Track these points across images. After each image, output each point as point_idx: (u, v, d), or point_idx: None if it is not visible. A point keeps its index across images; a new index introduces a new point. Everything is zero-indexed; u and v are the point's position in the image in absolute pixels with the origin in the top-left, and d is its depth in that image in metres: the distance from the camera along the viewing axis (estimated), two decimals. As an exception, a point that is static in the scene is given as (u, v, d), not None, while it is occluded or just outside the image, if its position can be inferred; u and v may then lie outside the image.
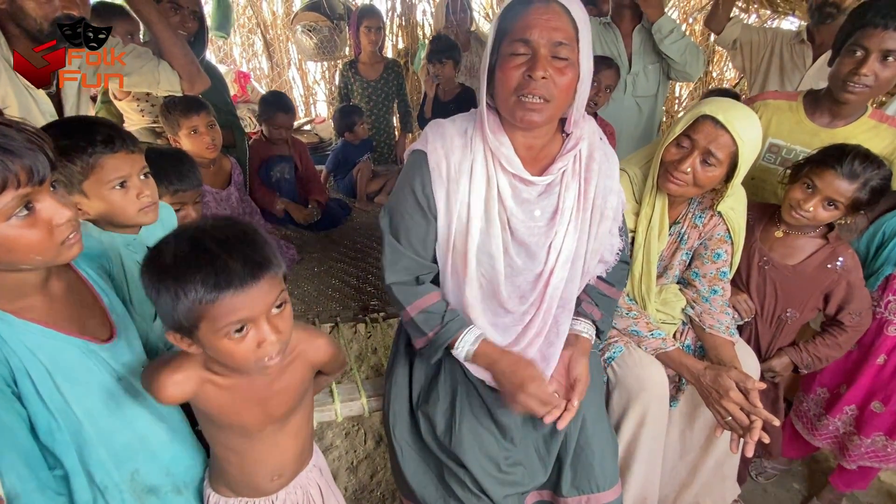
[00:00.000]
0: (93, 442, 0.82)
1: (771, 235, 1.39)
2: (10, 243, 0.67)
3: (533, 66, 0.86)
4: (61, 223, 0.70)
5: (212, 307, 0.69)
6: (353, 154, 2.92)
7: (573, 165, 1.00)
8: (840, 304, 1.36)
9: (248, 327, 0.73)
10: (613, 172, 1.06)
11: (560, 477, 1.13)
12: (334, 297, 1.94)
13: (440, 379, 1.12)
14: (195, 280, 0.68)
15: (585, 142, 1.00)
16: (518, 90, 0.88)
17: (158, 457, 0.94)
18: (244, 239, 0.72)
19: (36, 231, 0.69)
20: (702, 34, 3.77)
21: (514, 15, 0.87)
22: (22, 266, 0.71)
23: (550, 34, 0.85)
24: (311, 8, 3.58)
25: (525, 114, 0.89)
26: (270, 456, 0.93)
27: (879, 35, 1.25)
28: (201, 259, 0.69)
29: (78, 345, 0.80)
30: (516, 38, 0.87)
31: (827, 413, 1.54)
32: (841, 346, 1.39)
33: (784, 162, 1.51)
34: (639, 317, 1.32)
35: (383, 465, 1.80)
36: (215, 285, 0.68)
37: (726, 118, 1.12)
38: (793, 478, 1.81)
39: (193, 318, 0.70)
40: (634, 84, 2.32)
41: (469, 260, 1.00)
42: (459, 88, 2.87)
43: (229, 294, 0.69)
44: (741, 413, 1.11)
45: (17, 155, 0.64)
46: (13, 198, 0.65)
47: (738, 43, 2.25)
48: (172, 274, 0.69)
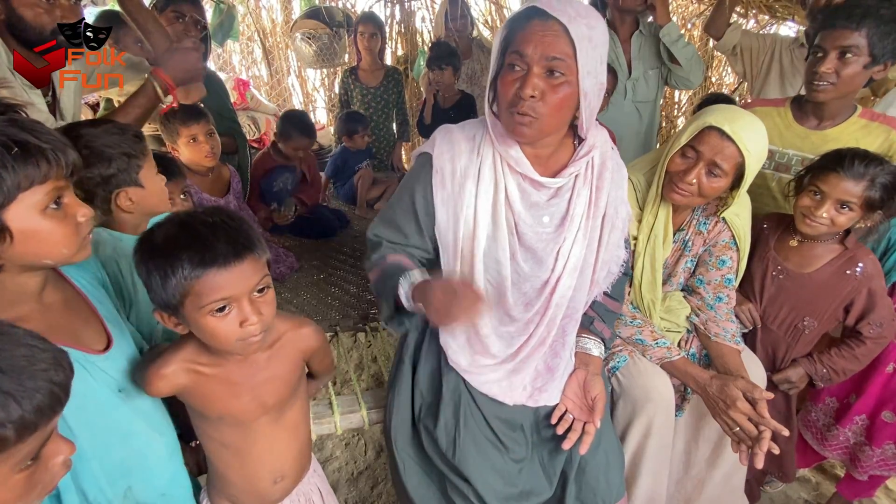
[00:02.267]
0: (87, 457, 0.80)
1: (786, 245, 1.37)
2: (43, 234, 0.71)
3: (522, 83, 0.86)
4: (83, 220, 0.74)
5: (197, 283, 0.73)
6: (353, 160, 2.91)
7: (585, 172, 0.99)
8: (861, 313, 1.32)
9: (231, 307, 0.76)
10: (623, 183, 1.05)
11: (565, 491, 1.11)
12: (334, 306, 1.93)
13: (443, 392, 1.10)
14: (182, 258, 0.72)
15: (598, 150, 0.99)
16: (511, 105, 0.88)
17: (155, 475, 0.92)
18: (230, 224, 0.77)
19: (64, 224, 0.72)
20: (700, 39, 3.78)
21: (516, 27, 0.87)
22: (45, 260, 0.74)
23: (544, 49, 0.84)
24: (310, 16, 3.59)
25: (516, 126, 0.89)
26: (269, 454, 0.92)
27: (833, 34, 1.32)
28: (189, 239, 0.73)
29: (73, 355, 0.78)
30: (514, 51, 0.87)
31: (837, 423, 1.52)
32: (859, 360, 1.34)
33: (778, 167, 1.51)
34: (643, 325, 1.30)
35: (384, 477, 1.77)
36: (200, 262, 0.72)
37: (732, 129, 1.10)
38: (800, 486, 1.78)
39: (180, 295, 0.74)
40: (634, 89, 2.31)
41: (476, 265, 0.98)
42: (459, 95, 2.87)
43: (213, 271, 0.72)
44: (749, 423, 1.08)
45: (61, 150, 0.70)
46: (52, 189, 0.70)
47: (738, 48, 2.25)
48: (162, 252, 0.73)
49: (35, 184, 0.68)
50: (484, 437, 1.09)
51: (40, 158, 0.67)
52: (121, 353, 0.87)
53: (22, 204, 0.68)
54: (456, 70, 2.79)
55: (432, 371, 1.13)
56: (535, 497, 1.10)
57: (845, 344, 1.36)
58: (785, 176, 1.49)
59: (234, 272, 0.74)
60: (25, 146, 0.66)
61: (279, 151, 2.44)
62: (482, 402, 1.09)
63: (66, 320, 0.81)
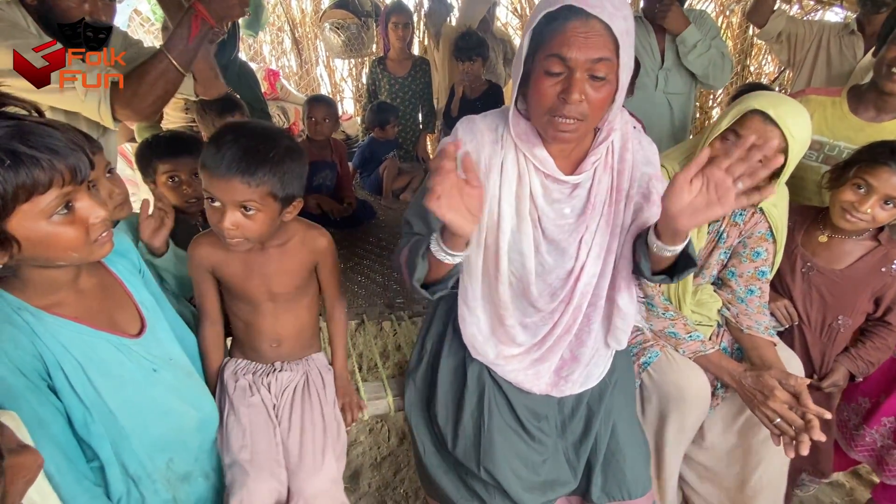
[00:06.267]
0: (126, 434, 0.84)
1: (814, 240, 1.33)
2: (50, 240, 0.69)
3: (568, 89, 0.82)
4: (96, 222, 0.72)
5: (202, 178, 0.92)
6: (380, 151, 2.93)
7: (606, 158, 0.97)
8: (890, 304, 1.30)
9: (216, 204, 0.93)
10: (654, 159, 1.01)
11: (590, 482, 1.10)
12: (360, 294, 1.95)
13: (468, 381, 1.11)
14: (197, 154, 0.96)
15: (618, 132, 0.96)
16: (552, 111, 0.85)
17: (189, 445, 0.97)
18: (255, 144, 0.92)
19: (73, 229, 0.70)
20: (739, 27, 3.64)
21: (551, 28, 0.83)
22: (58, 262, 0.74)
23: (588, 52, 0.80)
24: (339, 5, 3.60)
25: (557, 134, 0.87)
26: (271, 327, 1.12)
27: None
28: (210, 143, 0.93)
29: (109, 339, 0.82)
30: (552, 54, 0.82)
31: (865, 424, 1.47)
32: (890, 348, 1.33)
33: (826, 159, 1.45)
34: (676, 318, 1.27)
35: (406, 463, 1.80)
36: (202, 164, 0.92)
37: (777, 113, 1.07)
38: (833, 491, 1.73)
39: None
40: (667, 80, 2.24)
41: (501, 258, 0.98)
42: (486, 86, 2.85)
43: (206, 173, 0.91)
44: (790, 412, 1.04)
45: (61, 155, 0.66)
46: (57, 196, 0.67)
47: (783, 36, 2.16)
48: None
49: (35, 194, 0.65)
50: (508, 425, 1.09)
51: (33, 168, 0.63)
52: (154, 337, 0.90)
53: (24, 215, 0.65)
54: (485, 60, 2.77)
55: (456, 364, 1.13)
56: (560, 488, 1.10)
57: (875, 335, 1.33)
58: None
59: (223, 182, 0.90)
60: (16, 156, 0.62)
61: (315, 144, 2.46)
62: (508, 391, 1.09)
63: (102, 305, 0.84)
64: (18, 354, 0.73)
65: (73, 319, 0.79)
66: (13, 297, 0.75)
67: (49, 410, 0.77)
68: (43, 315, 0.76)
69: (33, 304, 0.76)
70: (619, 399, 1.13)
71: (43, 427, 0.75)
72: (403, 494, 1.70)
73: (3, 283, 0.75)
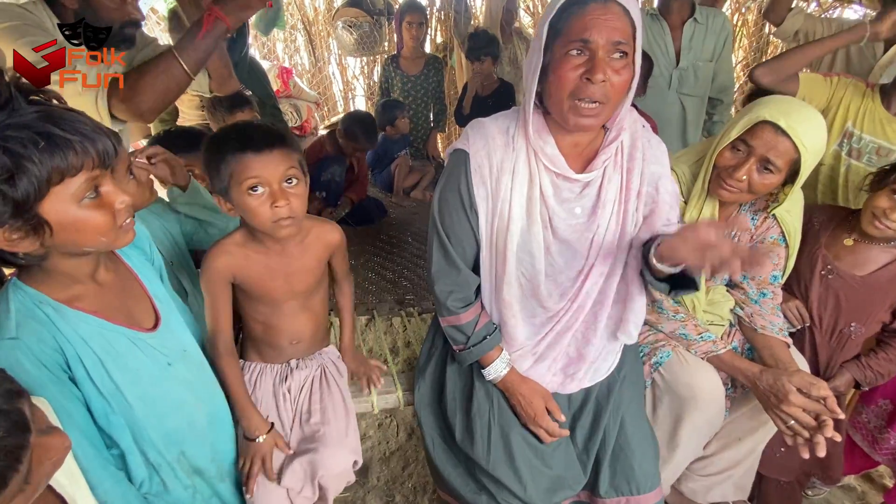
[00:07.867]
0: (144, 425, 0.86)
1: (839, 242, 1.30)
2: (80, 224, 0.71)
3: (592, 69, 0.83)
4: (121, 207, 0.74)
5: (238, 164, 0.92)
6: (392, 149, 2.95)
7: (615, 157, 0.97)
8: None
9: (263, 188, 0.93)
10: (663, 159, 1.01)
11: (598, 477, 1.11)
12: (371, 291, 1.97)
13: (476, 380, 1.12)
14: (229, 144, 0.93)
15: (627, 132, 0.97)
16: (574, 94, 0.85)
17: (202, 440, 0.98)
18: (270, 127, 0.98)
19: (101, 213, 0.72)
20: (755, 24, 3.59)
21: (568, 15, 0.84)
22: (86, 248, 0.75)
23: (610, 34, 0.82)
24: (352, 4, 3.61)
25: (579, 119, 0.87)
26: (291, 326, 1.14)
27: None
28: (236, 133, 0.95)
29: (126, 334, 0.84)
30: (573, 39, 0.83)
31: (888, 426, 1.45)
32: None
33: (852, 151, 1.41)
34: (686, 319, 1.26)
35: (415, 458, 1.82)
36: (239, 146, 0.92)
37: (788, 123, 1.04)
38: (844, 494, 1.71)
39: (227, 177, 0.93)
40: (680, 80, 2.22)
41: (508, 259, 0.99)
42: (498, 83, 2.85)
43: (249, 154, 0.92)
44: (805, 415, 1.04)
45: (91, 139, 0.68)
46: (87, 179, 0.69)
47: (800, 34, 2.12)
48: (218, 143, 0.95)
49: (67, 177, 0.67)
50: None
51: (67, 150, 0.65)
52: (168, 330, 0.92)
53: (56, 197, 0.67)
54: (495, 59, 2.77)
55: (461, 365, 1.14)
56: (569, 489, 1.10)
57: (890, 346, 1.30)
58: (855, 163, 1.40)
59: (264, 158, 0.92)
60: (51, 139, 0.64)
61: (336, 144, 2.48)
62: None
63: (119, 300, 0.86)
64: (41, 348, 0.75)
65: (92, 314, 0.80)
66: (34, 290, 0.76)
67: (72, 401, 0.79)
68: (64, 309, 0.78)
69: (54, 297, 0.77)
70: (628, 394, 1.14)
71: (68, 416, 0.77)
72: (412, 489, 1.72)
73: (23, 275, 0.77)
